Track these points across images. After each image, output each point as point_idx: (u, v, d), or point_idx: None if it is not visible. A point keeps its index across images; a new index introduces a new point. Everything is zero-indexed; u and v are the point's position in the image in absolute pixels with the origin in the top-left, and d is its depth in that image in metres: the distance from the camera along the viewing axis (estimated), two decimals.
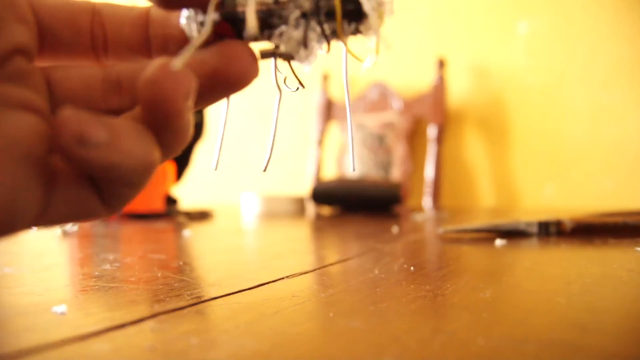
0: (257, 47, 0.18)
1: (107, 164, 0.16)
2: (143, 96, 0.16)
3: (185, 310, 0.20)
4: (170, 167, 0.95)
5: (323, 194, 0.90)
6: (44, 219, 0.17)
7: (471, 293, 0.24)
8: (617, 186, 1.44)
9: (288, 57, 0.17)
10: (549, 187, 1.51)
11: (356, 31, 0.16)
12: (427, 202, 1.54)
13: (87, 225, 0.64)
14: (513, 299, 0.23)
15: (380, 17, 0.15)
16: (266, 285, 0.25)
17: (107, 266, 0.31)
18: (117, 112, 0.19)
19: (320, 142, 1.76)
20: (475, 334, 0.17)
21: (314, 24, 0.16)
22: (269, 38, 0.17)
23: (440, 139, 1.57)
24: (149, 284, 0.25)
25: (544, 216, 0.49)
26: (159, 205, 0.87)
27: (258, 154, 1.94)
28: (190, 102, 0.17)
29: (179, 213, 0.83)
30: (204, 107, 0.18)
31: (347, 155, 1.67)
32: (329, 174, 1.76)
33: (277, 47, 0.17)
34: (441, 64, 1.60)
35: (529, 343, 0.16)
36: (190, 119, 0.18)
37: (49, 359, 0.15)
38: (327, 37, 0.16)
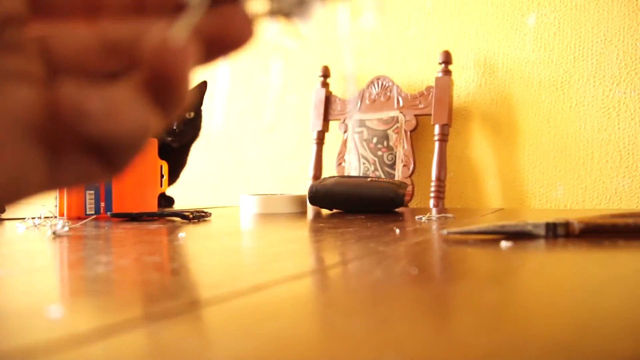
0: (251, 7, 0.18)
1: (105, 134, 0.17)
2: (145, 66, 0.17)
3: (181, 314, 0.21)
4: (164, 167, 0.96)
5: (322, 195, 0.90)
6: (49, 186, 0.18)
7: (475, 296, 0.25)
8: (631, 186, 1.44)
9: (285, 16, 0.18)
10: (560, 188, 1.51)
11: None
12: (431, 202, 1.54)
13: (78, 226, 0.65)
14: (518, 301, 0.24)
15: None
16: (265, 287, 0.26)
17: (101, 268, 0.31)
18: (115, 75, 0.19)
19: (321, 140, 1.76)
20: (479, 337, 0.18)
21: None
22: None
23: (445, 137, 1.57)
24: (143, 286, 0.26)
25: (553, 217, 0.50)
26: (152, 206, 0.88)
27: (258, 154, 1.94)
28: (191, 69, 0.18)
29: (174, 214, 0.83)
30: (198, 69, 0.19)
31: (349, 155, 1.67)
32: (329, 172, 1.77)
33: (273, 5, 0.18)
34: (446, 59, 1.60)
35: (533, 346, 0.17)
36: (190, 83, 0.18)
37: None
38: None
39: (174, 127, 1.09)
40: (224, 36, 0.19)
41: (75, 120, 0.16)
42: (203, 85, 1.20)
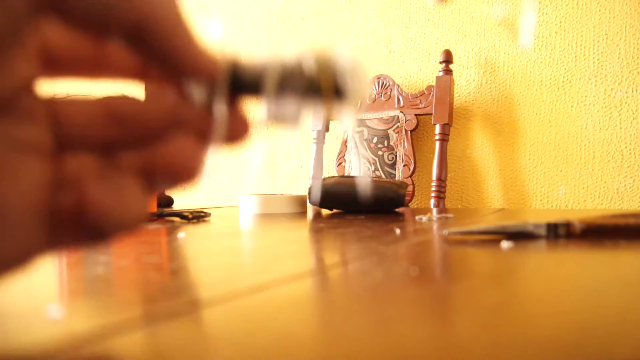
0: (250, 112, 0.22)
1: (109, 222, 0.19)
2: (161, 169, 0.20)
3: (180, 314, 0.21)
4: None
5: (322, 195, 0.90)
6: (38, 255, 0.19)
7: (476, 296, 0.25)
8: (633, 186, 1.44)
9: (279, 122, 0.22)
10: (561, 188, 1.51)
11: (338, 103, 0.21)
12: (432, 203, 1.54)
13: None
14: (518, 301, 0.24)
15: (357, 95, 0.21)
16: (265, 287, 0.26)
17: (100, 269, 0.31)
18: (115, 143, 0.20)
19: (320, 141, 1.76)
20: (480, 337, 0.18)
21: (307, 98, 0.21)
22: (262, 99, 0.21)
23: (445, 137, 1.57)
24: (143, 287, 0.26)
25: (554, 218, 0.50)
26: (151, 206, 0.88)
27: (257, 154, 1.94)
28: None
29: (173, 214, 0.83)
30: None
31: (349, 154, 1.67)
32: (330, 172, 1.77)
33: (269, 112, 0.21)
34: (447, 58, 1.60)
35: (534, 347, 0.17)
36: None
37: None
38: (316, 109, 0.21)
39: None
40: (229, 139, 0.21)
41: (82, 209, 0.18)
42: None
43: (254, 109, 0.22)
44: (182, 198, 1.32)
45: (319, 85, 0.21)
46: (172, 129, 0.20)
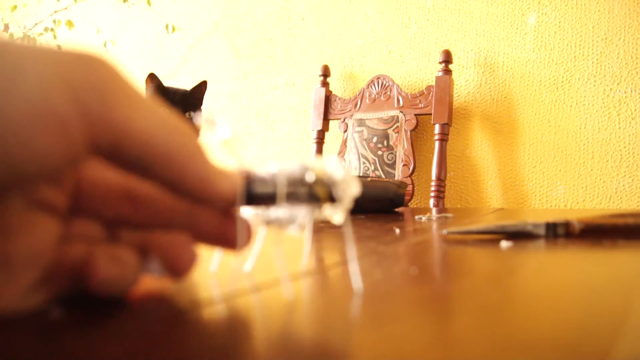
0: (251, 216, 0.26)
1: (105, 289, 0.21)
2: (156, 254, 0.22)
3: (181, 314, 0.21)
4: None
5: None
6: (40, 298, 0.21)
7: (475, 296, 0.25)
8: (632, 185, 1.44)
9: (279, 226, 0.25)
10: (560, 187, 1.51)
11: (331, 207, 0.25)
12: (431, 202, 1.54)
13: None
14: (518, 301, 0.24)
15: (345, 199, 0.25)
16: (265, 287, 0.26)
17: None
18: (123, 220, 0.23)
19: (320, 140, 1.76)
20: (479, 337, 0.18)
21: (308, 204, 0.25)
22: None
23: (445, 136, 1.57)
24: (143, 286, 0.26)
25: (553, 217, 0.50)
26: None
27: (258, 153, 1.94)
28: None
29: None
30: None
31: (349, 154, 1.67)
32: None
33: (270, 217, 0.25)
34: (446, 58, 1.60)
35: (534, 346, 0.17)
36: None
37: None
38: (310, 215, 0.25)
39: None
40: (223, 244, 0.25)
41: (97, 287, 0.20)
42: (203, 85, 1.20)
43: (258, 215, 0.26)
44: None
45: (317, 194, 0.25)
46: (178, 225, 0.23)
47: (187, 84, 1.25)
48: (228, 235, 0.24)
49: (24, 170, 0.17)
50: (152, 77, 1.13)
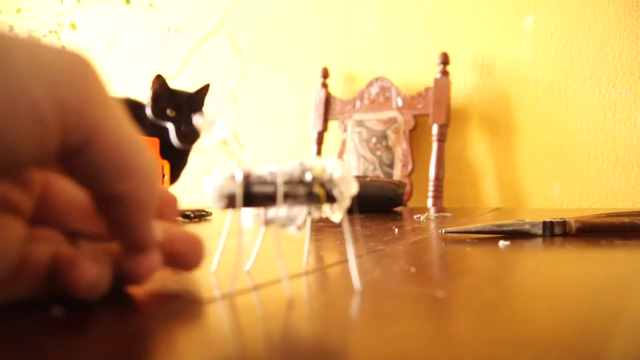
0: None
1: (93, 294, 0.21)
2: (124, 272, 0.22)
3: (182, 312, 0.21)
4: (166, 167, 0.96)
5: None
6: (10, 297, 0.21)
7: (474, 294, 0.24)
8: (627, 185, 1.44)
9: (279, 225, 0.26)
10: (557, 187, 1.51)
11: (330, 205, 0.26)
12: (429, 202, 1.54)
13: None
14: (516, 300, 0.24)
15: (344, 198, 0.25)
16: (265, 286, 0.26)
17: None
18: (82, 233, 0.23)
19: (320, 141, 1.76)
20: (478, 336, 0.18)
21: (305, 205, 0.25)
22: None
23: (443, 137, 1.57)
24: (145, 285, 0.26)
25: (550, 217, 0.50)
26: None
27: (258, 154, 1.94)
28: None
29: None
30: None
31: (348, 154, 1.67)
32: None
33: (277, 218, 0.26)
34: (444, 59, 1.60)
35: (532, 345, 0.17)
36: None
37: None
38: (310, 214, 0.25)
39: (182, 129, 1.09)
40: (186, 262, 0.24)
41: (80, 290, 0.20)
42: (206, 88, 1.20)
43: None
44: (185, 197, 1.32)
45: (316, 193, 0.25)
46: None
47: (187, 85, 1.25)
48: (180, 255, 0.24)
49: None
50: (158, 78, 1.13)
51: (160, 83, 1.13)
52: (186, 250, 0.24)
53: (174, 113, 1.10)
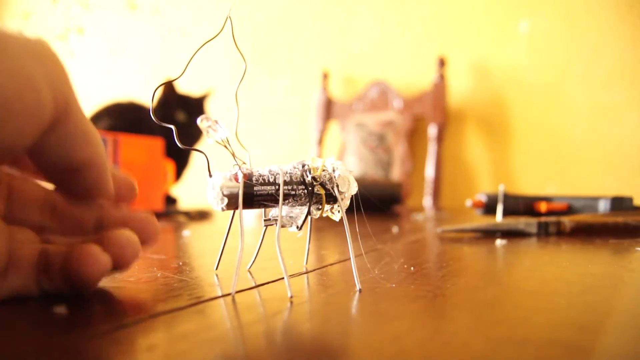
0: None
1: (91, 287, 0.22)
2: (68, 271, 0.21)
3: (185, 311, 0.20)
4: (170, 167, 0.95)
5: None
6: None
7: (471, 293, 0.24)
8: (619, 186, 1.44)
9: (282, 225, 0.25)
10: (551, 187, 1.51)
11: (330, 206, 0.26)
12: (427, 201, 1.54)
13: None
14: (513, 299, 0.24)
15: (343, 200, 0.25)
16: (265, 285, 0.26)
17: None
18: (47, 227, 0.24)
19: (320, 142, 1.76)
20: (476, 334, 0.17)
21: (304, 205, 0.25)
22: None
23: (440, 138, 1.57)
24: (148, 284, 0.26)
25: (544, 216, 0.50)
26: (158, 205, 0.88)
27: (258, 154, 1.94)
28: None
29: (178, 213, 0.83)
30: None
31: (348, 155, 1.67)
32: None
33: (279, 217, 0.25)
34: (442, 63, 1.60)
35: (529, 343, 0.16)
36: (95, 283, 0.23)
37: (50, 359, 0.15)
38: (310, 214, 0.25)
39: (188, 131, 1.09)
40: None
41: (89, 278, 0.21)
42: (209, 92, 1.20)
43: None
44: (186, 197, 1.32)
45: (316, 193, 0.25)
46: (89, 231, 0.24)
47: (189, 88, 1.25)
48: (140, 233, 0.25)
49: (6, 138, 0.18)
50: (168, 83, 1.14)
51: (168, 86, 1.13)
52: (141, 228, 0.25)
53: (183, 117, 1.10)
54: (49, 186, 0.24)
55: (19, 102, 0.18)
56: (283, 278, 0.25)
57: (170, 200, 1.10)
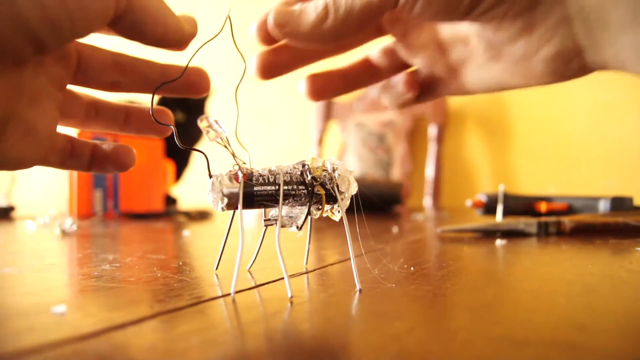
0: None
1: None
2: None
3: (185, 311, 0.20)
4: (170, 167, 0.95)
5: None
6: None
7: (471, 293, 0.24)
8: (619, 185, 1.44)
9: (282, 225, 0.26)
10: (551, 187, 1.51)
11: (330, 206, 0.26)
12: (427, 201, 1.54)
13: (86, 225, 0.65)
14: (513, 298, 0.24)
15: (343, 200, 0.25)
16: (266, 285, 0.26)
17: (107, 266, 0.31)
18: (115, 84, 0.29)
19: (320, 142, 1.76)
20: (476, 334, 0.17)
21: (305, 205, 0.25)
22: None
23: (440, 138, 1.56)
24: (148, 284, 0.26)
25: (544, 216, 0.50)
26: (158, 205, 0.87)
27: (258, 154, 1.94)
28: None
29: (178, 213, 0.83)
30: None
31: (348, 155, 1.67)
32: None
33: (271, 217, 0.26)
34: None
35: (529, 343, 0.16)
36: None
37: (49, 359, 0.15)
38: (310, 214, 0.26)
39: (188, 131, 1.09)
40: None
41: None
42: (210, 92, 1.21)
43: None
44: (186, 197, 1.32)
45: (316, 193, 0.25)
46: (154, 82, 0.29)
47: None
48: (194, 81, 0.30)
49: (77, 17, 0.21)
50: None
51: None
52: (197, 78, 0.30)
53: (182, 117, 1.10)
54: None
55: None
56: (283, 278, 0.25)
57: (170, 200, 1.10)
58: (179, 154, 1.10)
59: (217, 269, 0.29)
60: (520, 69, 0.26)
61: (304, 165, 0.25)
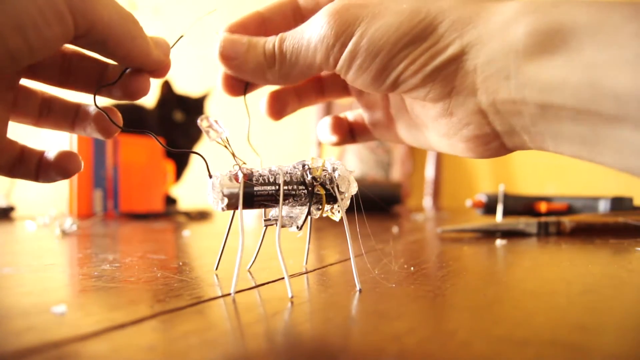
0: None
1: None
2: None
3: (184, 311, 0.20)
4: (170, 167, 0.95)
5: None
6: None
7: (471, 293, 0.24)
8: (618, 186, 1.44)
9: (282, 225, 0.26)
10: (551, 187, 1.51)
11: (330, 206, 0.26)
12: (427, 202, 1.54)
13: (86, 225, 0.65)
14: (513, 299, 0.24)
15: (343, 200, 0.26)
16: (265, 285, 0.26)
17: (107, 266, 0.31)
18: (64, 82, 0.29)
19: (320, 142, 1.76)
20: (476, 334, 0.17)
21: (305, 205, 0.25)
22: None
23: None
24: (148, 284, 0.26)
25: (544, 216, 0.50)
26: (158, 205, 0.87)
27: (258, 155, 1.94)
28: None
29: (178, 213, 0.83)
30: None
31: (348, 155, 1.67)
32: None
33: (272, 217, 0.26)
34: None
35: (529, 343, 0.16)
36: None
37: (49, 359, 0.15)
38: (310, 214, 0.26)
39: (188, 131, 1.09)
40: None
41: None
42: (208, 93, 1.20)
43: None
44: (186, 197, 1.32)
45: (316, 193, 0.25)
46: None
47: (189, 88, 1.25)
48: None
49: (36, 47, 0.22)
50: (166, 84, 1.15)
51: (167, 88, 1.13)
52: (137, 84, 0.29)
53: (181, 116, 1.10)
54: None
55: (44, 24, 0.22)
56: (283, 278, 0.25)
57: (170, 201, 1.10)
58: (178, 155, 1.10)
59: (217, 269, 0.29)
60: (445, 141, 0.27)
61: (304, 166, 0.25)
